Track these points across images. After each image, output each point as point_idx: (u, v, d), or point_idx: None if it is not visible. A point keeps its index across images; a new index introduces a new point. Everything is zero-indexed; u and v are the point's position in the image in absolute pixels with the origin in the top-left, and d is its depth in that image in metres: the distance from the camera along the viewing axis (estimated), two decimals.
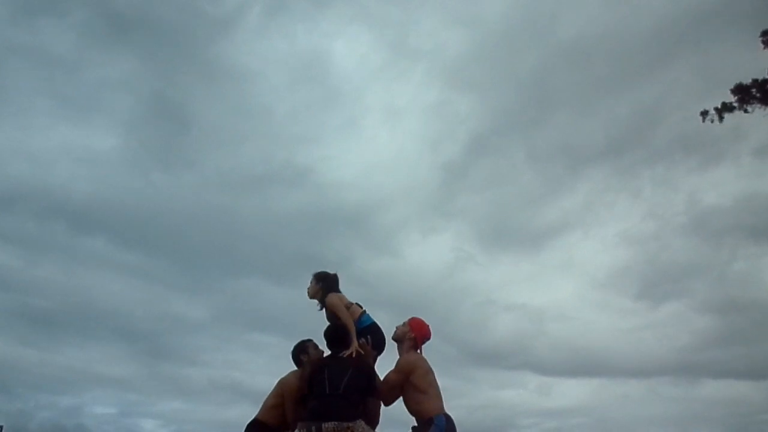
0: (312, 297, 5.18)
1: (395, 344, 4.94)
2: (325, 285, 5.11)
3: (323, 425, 4.09)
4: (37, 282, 21.27)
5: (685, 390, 21.48)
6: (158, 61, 24.56)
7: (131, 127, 24.38)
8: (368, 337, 4.83)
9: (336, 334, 4.72)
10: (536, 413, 19.70)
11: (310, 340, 4.90)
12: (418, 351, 4.83)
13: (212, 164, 25.03)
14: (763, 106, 12.74)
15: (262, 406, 4.75)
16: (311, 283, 5.19)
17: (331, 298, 5.00)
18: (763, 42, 12.70)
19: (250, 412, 4.73)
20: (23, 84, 24.27)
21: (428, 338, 4.89)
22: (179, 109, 24.30)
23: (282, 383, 4.75)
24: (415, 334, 4.80)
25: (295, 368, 4.83)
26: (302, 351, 4.81)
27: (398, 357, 4.84)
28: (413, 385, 4.56)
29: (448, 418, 4.49)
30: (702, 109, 13.30)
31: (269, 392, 4.80)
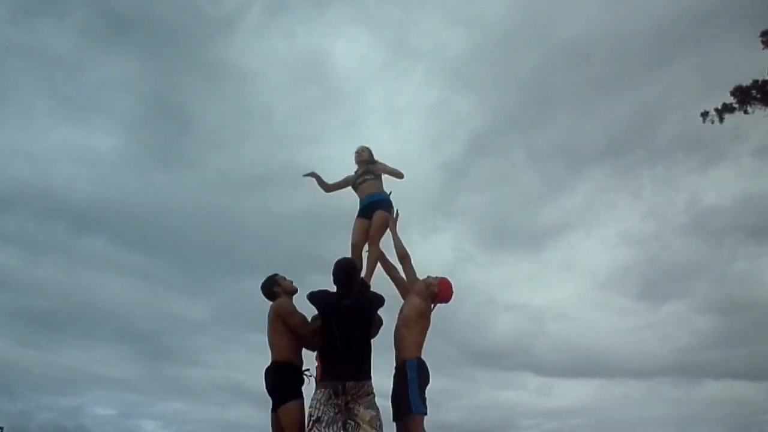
0: (359, 162, 6.18)
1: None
2: (371, 160, 6.15)
3: (347, 384, 4.34)
4: (37, 282, 21.32)
5: (686, 390, 21.54)
6: (158, 61, 24.57)
7: (131, 127, 24.37)
8: (396, 209, 5.70)
9: (347, 271, 4.74)
10: (536, 414, 19.77)
11: (276, 274, 5.00)
12: (432, 306, 5.03)
13: (212, 164, 24.96)
14: (763, 107, 12.79)
15: (271, 348, 4.74)
16: (365, 151, 6.21)
17: (379, 163, 6.09)
18: (763, 42, 12.77)
19: (251, 412, 4.77)
20: (23, 84, 24.29)
21: (447, 301, 5.09)
22: (179, 109, 24.29)
23: (273, 308, 4.78)
24: (438, 290, 4.99)
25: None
26: (275, 284, 4.94)
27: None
28: (407, 318, 4.82)
29: (421, 362, 4.68)
30: (702, 110, 13.40)
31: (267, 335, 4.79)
